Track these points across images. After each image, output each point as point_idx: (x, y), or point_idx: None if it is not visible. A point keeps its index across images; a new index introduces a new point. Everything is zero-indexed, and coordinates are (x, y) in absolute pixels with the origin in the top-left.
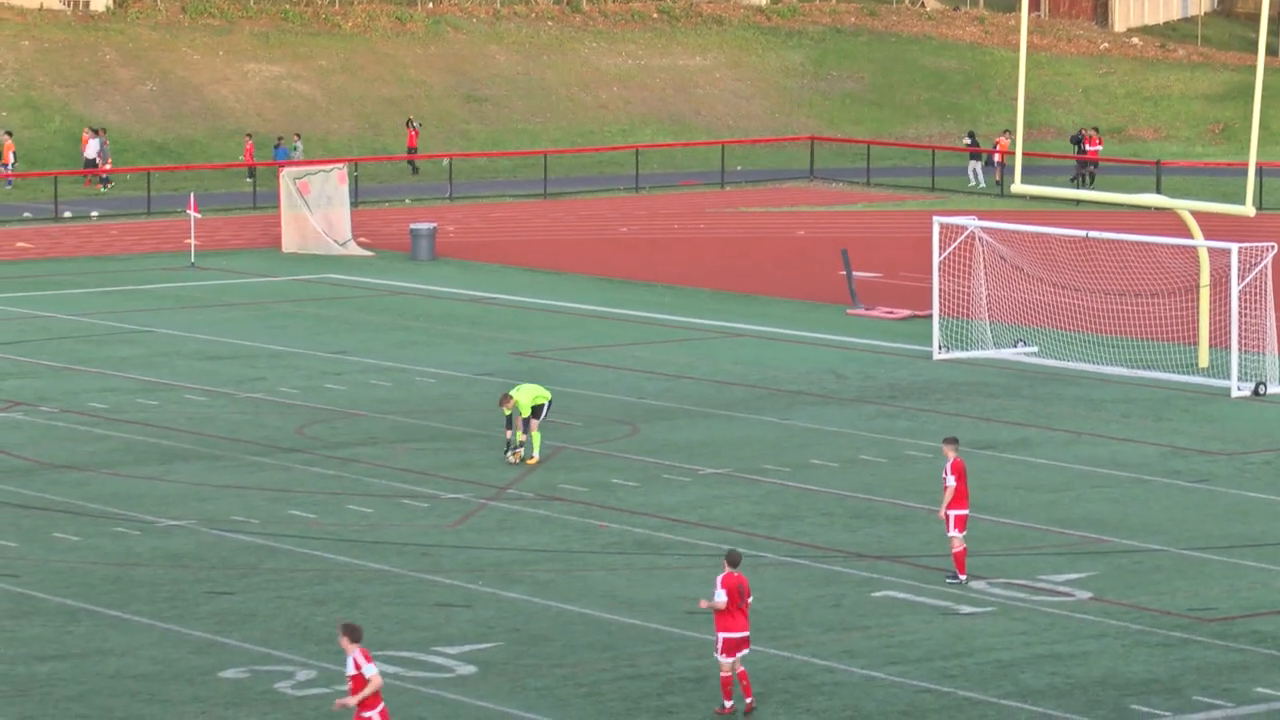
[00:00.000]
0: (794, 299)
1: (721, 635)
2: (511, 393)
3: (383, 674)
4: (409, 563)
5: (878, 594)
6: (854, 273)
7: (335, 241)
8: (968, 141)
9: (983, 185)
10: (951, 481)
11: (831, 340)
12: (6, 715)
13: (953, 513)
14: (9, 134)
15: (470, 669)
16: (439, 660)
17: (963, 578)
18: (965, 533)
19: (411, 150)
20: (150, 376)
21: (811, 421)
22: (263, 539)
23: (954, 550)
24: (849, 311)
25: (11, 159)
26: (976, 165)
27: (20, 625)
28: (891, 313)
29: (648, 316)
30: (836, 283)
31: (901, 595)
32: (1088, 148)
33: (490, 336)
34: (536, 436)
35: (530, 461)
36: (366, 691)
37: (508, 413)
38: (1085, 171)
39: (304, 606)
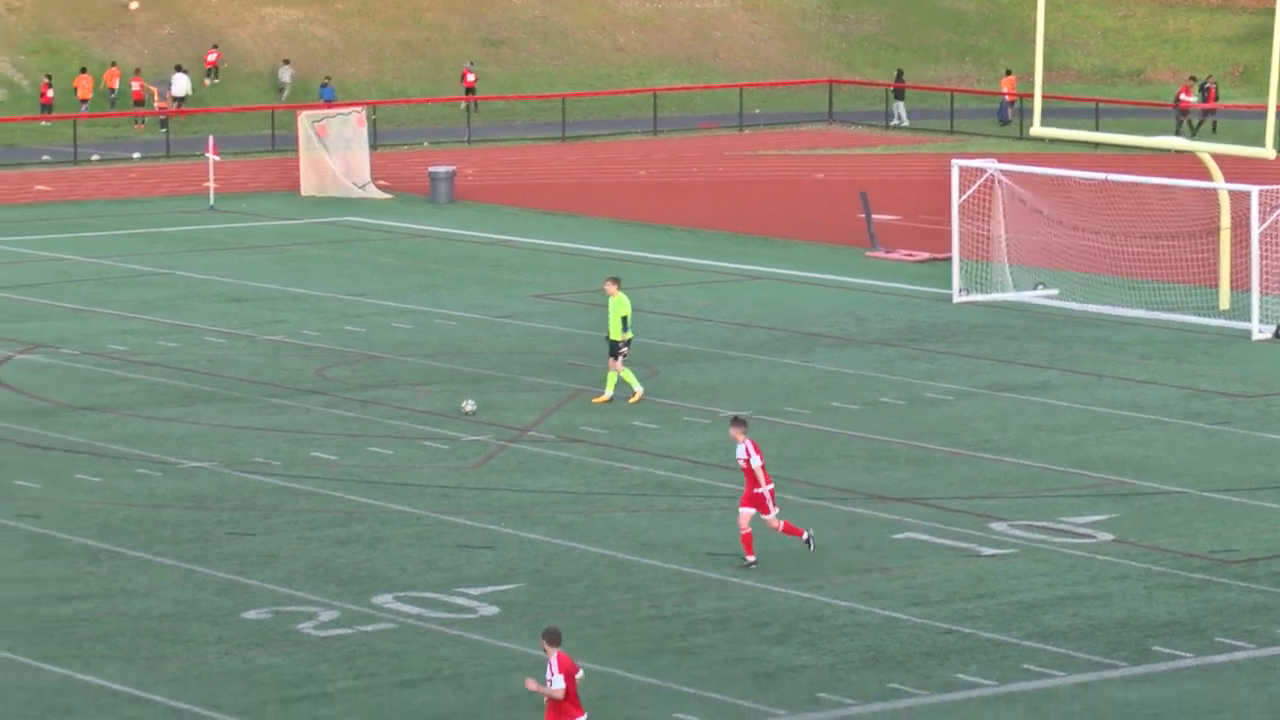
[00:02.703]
0: (813, 241)
1: None
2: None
3: (407, 615)
4: (430, 504)
5: (899, 536)
6: (873, 215)
7: (354, 184)
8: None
9: (905, 124)
10: (757, 459)
11: (851, 283)
12: (30, 655)
13: (765, 489)
14: (84, 70)
15: (493, 610)
16: (461, 601)
17: (807, 534)
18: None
19: (469, 90)
20: (170, 319)
21: (831, 364)
22: (284, 480)
23: (774, 526)
24: (868, 254)
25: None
26: (900, 105)
27: (43, 566)
28: (911, 255)
29: (667, 259)
30: (856, 225)
31: (923, 537)
32: (1183, 97)
33: (510, 279)
34: (611, 377)
35: (599, 400)
36: (551, 692)
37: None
38: (1197, 120)
39: (326, 548)
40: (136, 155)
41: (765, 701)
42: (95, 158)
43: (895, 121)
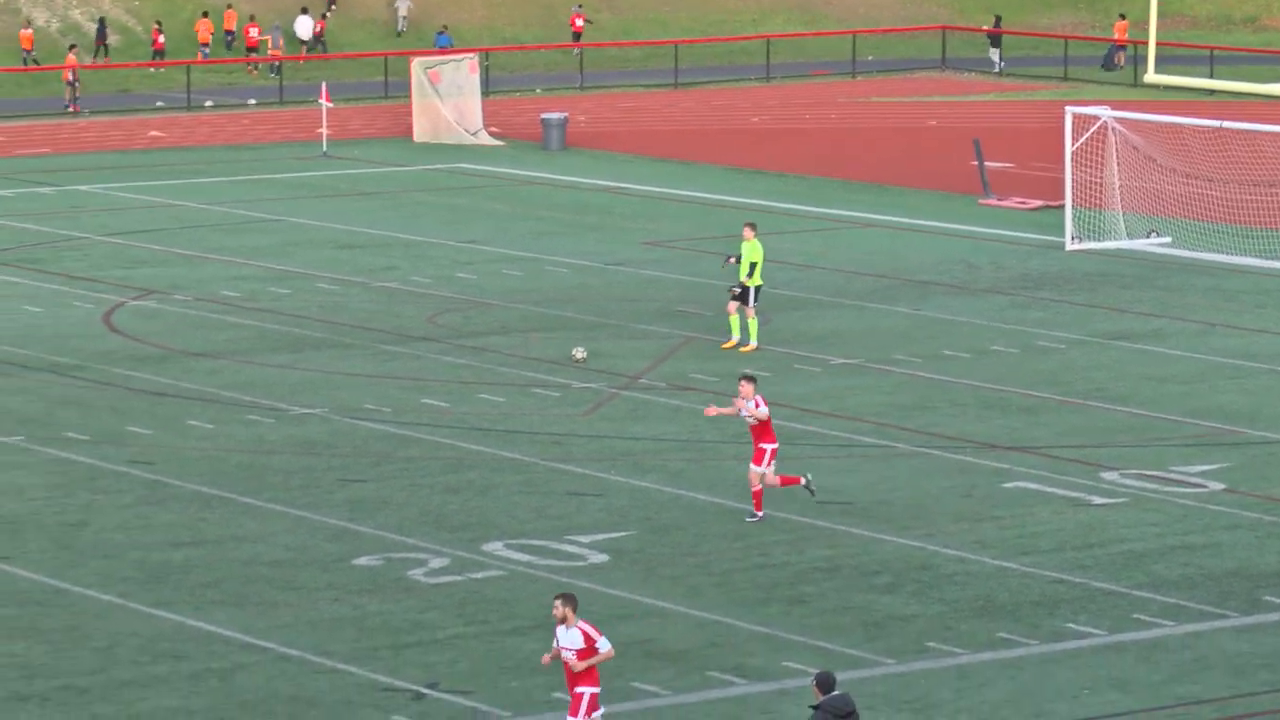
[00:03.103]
0: (925, 189)
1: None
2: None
3: (516, 562)
4: (541, 451)
5: (1009, 485)
6: (986, 163)
7: (466, 131)
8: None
9: (1000, 70)
10: (765, 410)
11: (963, 230)
12: (142, 601)
13: (769, 446)
14: (205, 14)
15: (602, 557)
16: (571, 549)
17: (805, 479)
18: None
19: (576, 36)
20: (283, 265)
21: (943, 312)
22: (395, 427)
23: (772, 482)
24: (981, 202)
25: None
26: (995, 52)
27: (155, 512)
28: (1024, 203)
29: (778, 206)
30: (968, 173)
31: (1033, 486)
32: None
33: (621, 226)
34: (753, 324)
35: (746, 349)
36: (597, 659)
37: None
38: None
39: (437, 495)
40: (251, 102)
41: (874, 650)
42: (209, 104)
43: (997, 70)
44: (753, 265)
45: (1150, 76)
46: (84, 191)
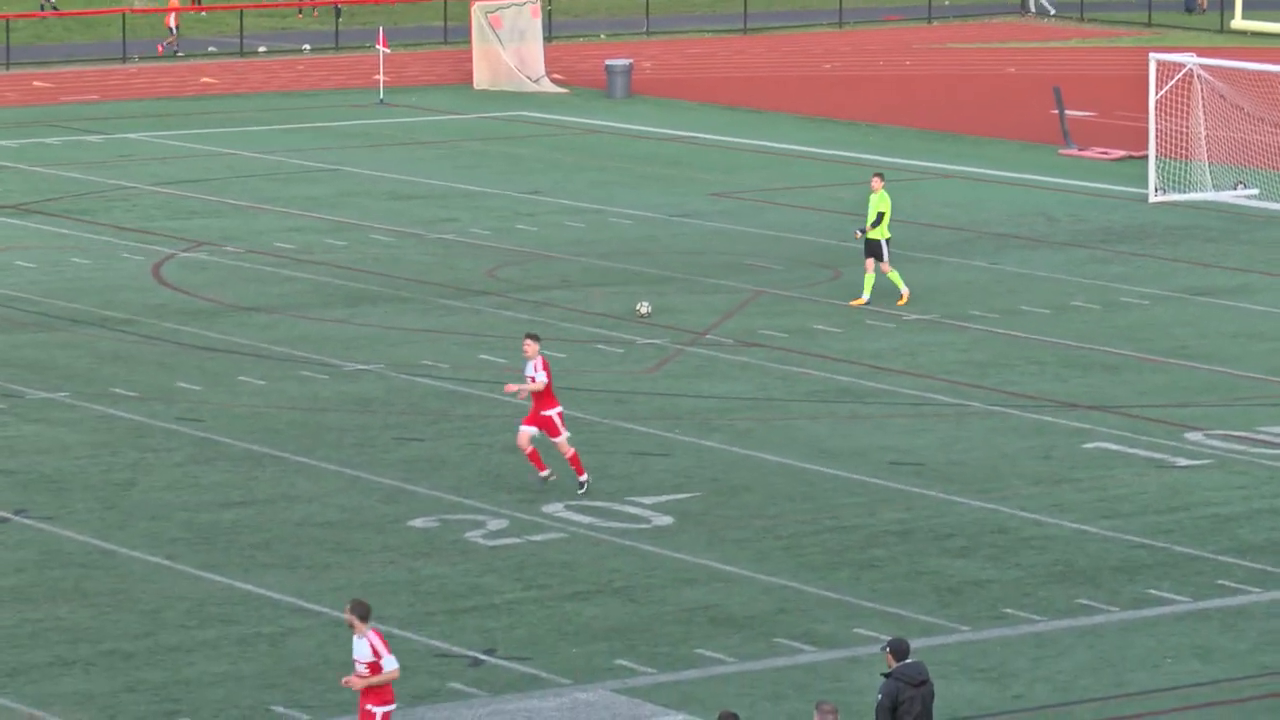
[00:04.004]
0: (1004, 138)
1: None
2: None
3: (577, 525)
4: (604, 410)
5: (1089, 445)
6: (1066, 111)
7: (528, 78)
8: None
9: (1052, 14)
10: (543, 377)
11: (1043, 181)
12: (190, 563)
13: (553, 411)
14: None
15: (667, 520)
16: (634, 510)
17: (584, 478)
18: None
19: None
20: (338, 216)
21: (1021, 266)
22: (453, 384)
23: (567, 455)
24: (1061, 152)
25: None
26: None
27: (205, 471)
28: (1106, 153)
29: (851, 156)
30: (1048, 122)
31: (1114, 447)
32: None
33: (688, 177)
34: (895, 274)
35: (856, 302)
36: (379, 680)
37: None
38: None
39: (495, 454)
40: (306, 48)
41: (948, 617)
42: (262, 49)
43: (1036, 12)
44: (880, 216)
45: (1238, 22)
46: (133, 140)
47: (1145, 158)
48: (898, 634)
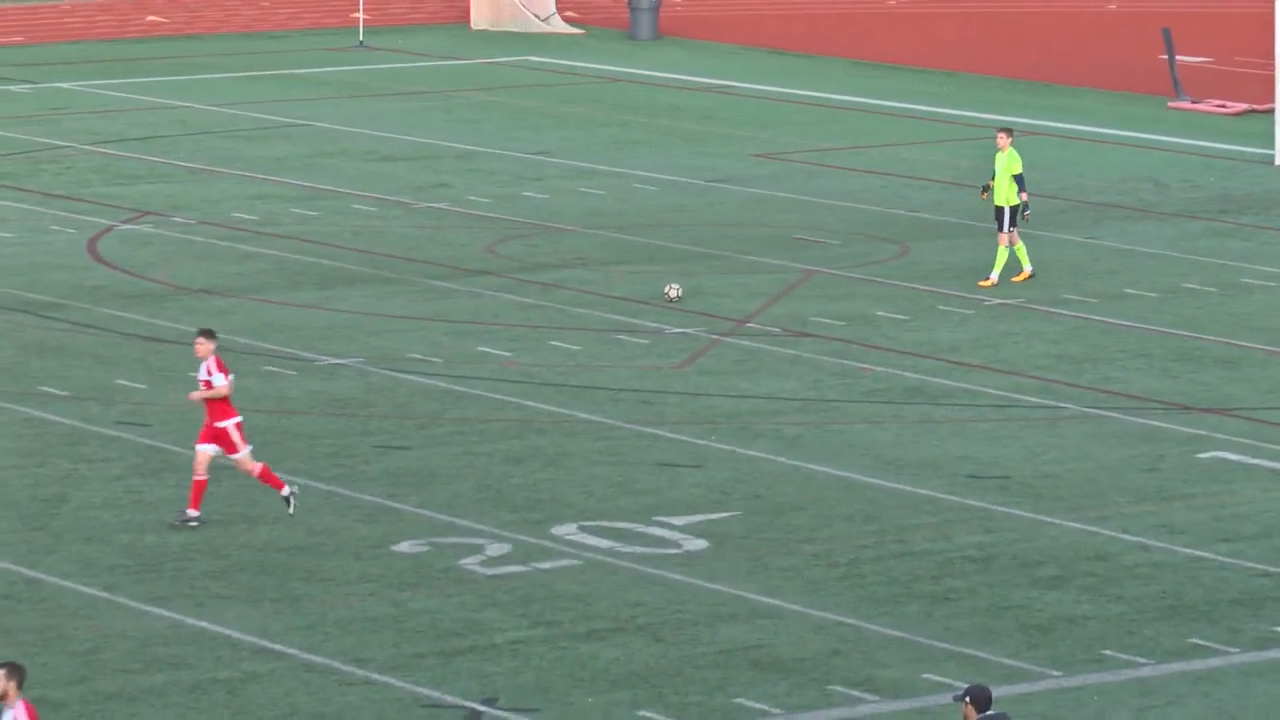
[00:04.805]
0: (1102, 89)
1: None
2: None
3: (594, 550)
4: (626, 413)
5: (1205, 455)
6: (1177, 56)
7: (536, 16)
8: None
9: None
10: (221, 380)
11: (1149, 140)
12: (132, 595)
13: (230, 423)
14: None
15: (701, 544)
16: (662, 533)
17: (288, 490)
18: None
19: None
20: (309, 181)
21: (1124, 241)
22: (447, 382)
23: (253, 472)
24: (1171, 104)
25: None
26: None
27: (150, 485)
28: (1224, 106)
29: (921, 110)
30: (1156, 69)
31: (1234, 456)
32: None
33: (725, 134)
34: (1001, 253)
35: (985, 283)
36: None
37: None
38: None
39: (496, 465)
40: None
41: (1036, 660)
42: None
43: None
44: (1019, 179)
45: None
46: (65, 90)
47: (1271, 112)
48: (977, 680)
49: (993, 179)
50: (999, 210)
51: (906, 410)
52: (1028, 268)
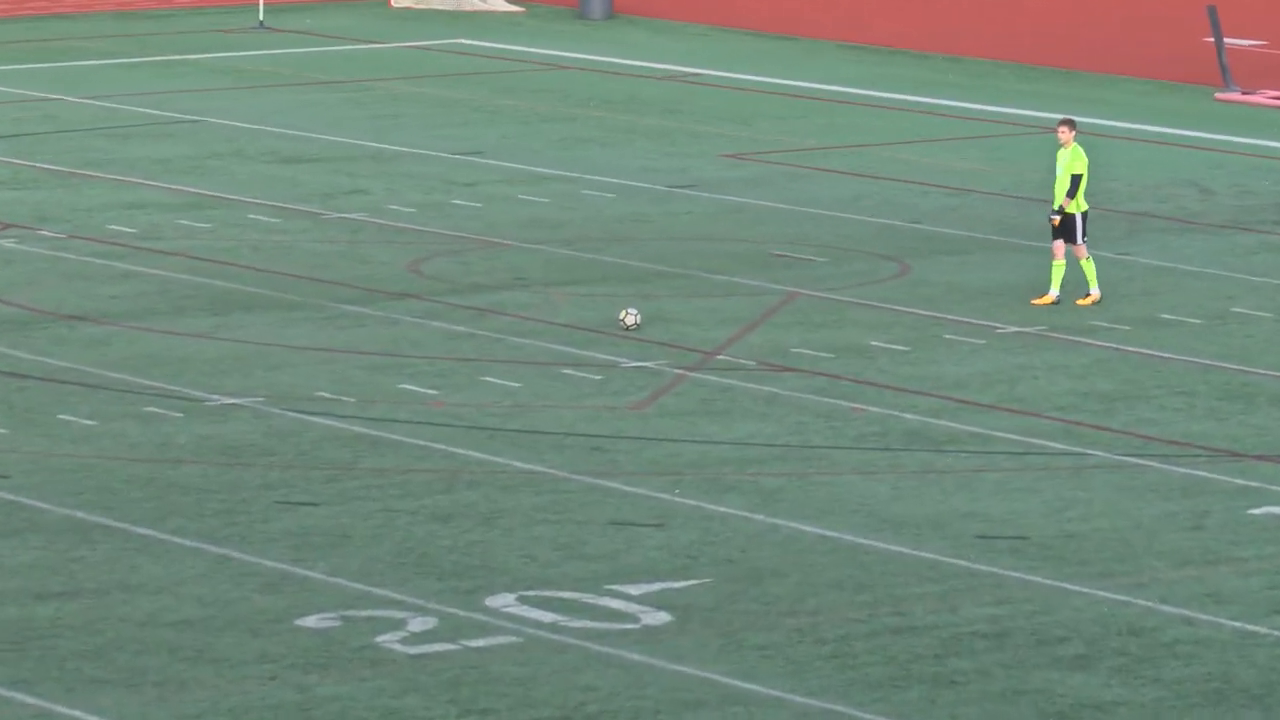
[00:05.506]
0: (1137, 77)
1: None
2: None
3: (536, 624)
4: (573, 462)
5: (1257, 510)
6: (1226, 40)
7: None
8: None
9: None
10: None
11: (1192, 138)
12: None
13: None
14: None
15: (662, 617)
16: (616, 605)
17: None
18: None
19: None
20: (199, 187)
21: (1162, 257)
22: (362, 425)
23: None
24: (1218, 96)
25: None
26: None
27: (13, 548)
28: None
29: (923, 102)
30: (1201, 54)
31: None
32: None
33: (693, 131)
34: (1058, 268)
35: (1041, 300)
36: None
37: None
38: None
39: (420, 525)
40: None
41: None
42: None
43: None
44: (1075, 180)
45: None
46: None
47: None
48: None
49: (1075, 186)
50: (1067, 219)
51: (905, 458)
52: (1094, 291)
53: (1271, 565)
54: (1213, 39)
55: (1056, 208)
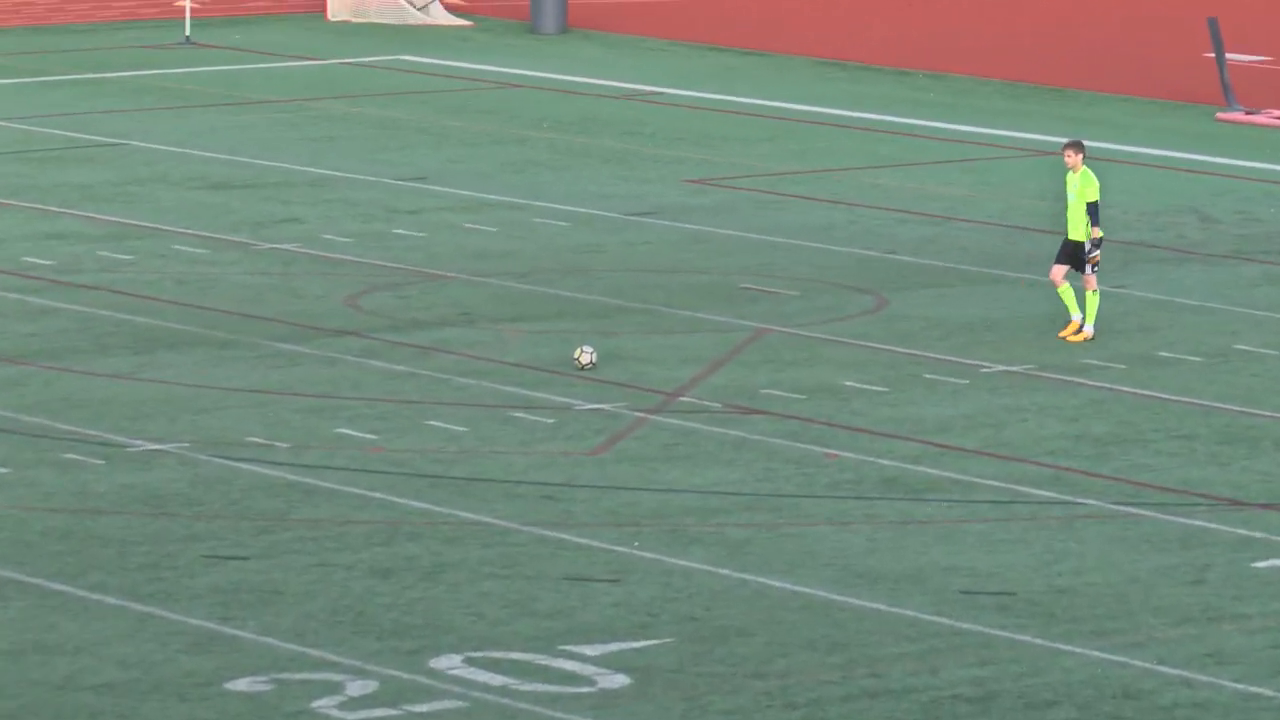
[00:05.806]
0: (1134, 96)
1: None
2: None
3: (484, 688)
4: (524, 512)
5: (1262, 564)
6: (1228, 55)
7: (411, 3)
8: None
9: None
10: None
11: (1192, 161)
12: None
13: None
14: None
15: (621, 680)
16: (571, 666)
17: None
18: None
19: None
20: (122, 216)
21: (1160, 290)
22: (295, 473)
23: None
24: (1219, 115)
25: None
26: None
27: None
28: None
29: (901, 123)
30: (1201, 70)
31: None
32: None
33: (652, 155)
34: (1094, 298)
35: (1079, 337)
36: None
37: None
38: None
39: (358, 579)
40: None
41: None
42: None
43: None
44: (1092, 209)
45: None
46: None
47: None
48: None
49: (1093, 211)
50: (1075, 245)
51: (882, 508)
52: (1088, 328)
53: (1277, 622)
54: (1214, 55)
55: (1087, 239)
